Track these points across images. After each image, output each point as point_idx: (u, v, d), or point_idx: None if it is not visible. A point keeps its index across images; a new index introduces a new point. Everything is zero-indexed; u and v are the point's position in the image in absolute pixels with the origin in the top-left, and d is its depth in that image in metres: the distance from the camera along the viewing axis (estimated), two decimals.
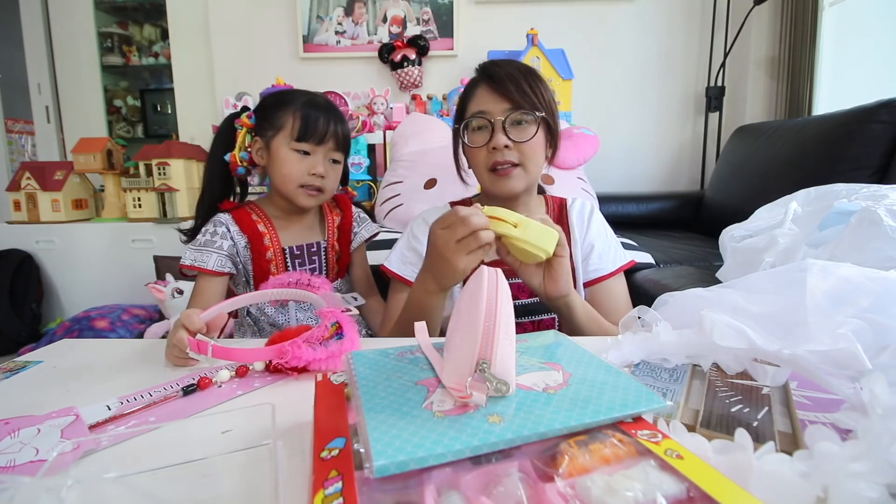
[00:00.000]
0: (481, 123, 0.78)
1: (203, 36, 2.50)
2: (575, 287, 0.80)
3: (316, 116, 0.87)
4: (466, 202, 0.91)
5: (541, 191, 0.95)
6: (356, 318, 0.65)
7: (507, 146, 0.76)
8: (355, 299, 0.96)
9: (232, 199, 0.98)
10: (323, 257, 0.97)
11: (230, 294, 0.94)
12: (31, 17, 2.67)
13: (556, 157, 0.83)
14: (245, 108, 0.94)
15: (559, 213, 0.88)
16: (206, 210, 0.94)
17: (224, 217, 0.90)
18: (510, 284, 0.83)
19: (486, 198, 0.88)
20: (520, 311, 0.85)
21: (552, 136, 0.79)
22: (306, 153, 0.88)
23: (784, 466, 0.29)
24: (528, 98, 0.75)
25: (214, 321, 0.65)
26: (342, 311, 0.61)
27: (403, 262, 0.87)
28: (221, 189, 0.95)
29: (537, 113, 0.75)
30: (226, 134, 0.93)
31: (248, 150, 0.92)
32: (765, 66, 2.32)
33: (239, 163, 0.91)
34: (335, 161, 0.91)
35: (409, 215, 1.77)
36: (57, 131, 2.77)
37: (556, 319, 0.86)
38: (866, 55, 1.93)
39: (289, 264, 0.94)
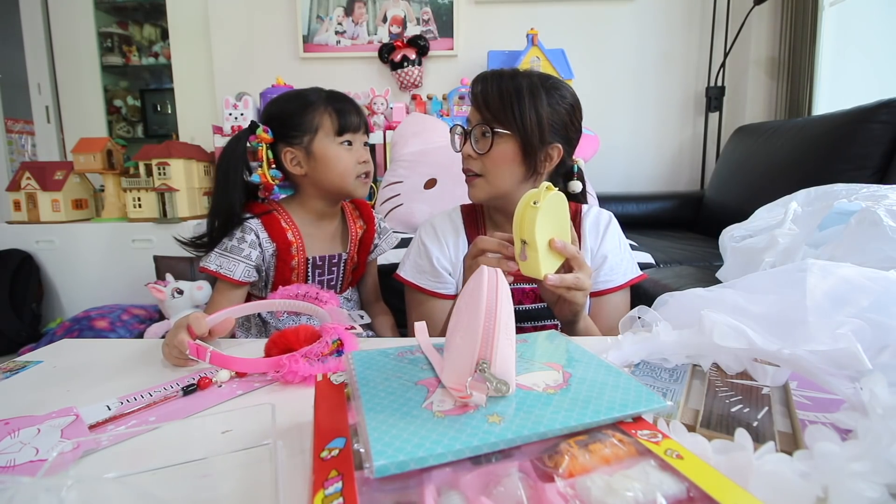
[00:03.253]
0: (460, 131, 0.83)
1: (203, 36, 2.50)
2: None
3: (346, 107, 0.88)
4: (476, 207, 0.92)
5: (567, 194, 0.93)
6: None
7: (470, 155, 0.80)
8: (362, 317, 0.96)
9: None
10: (342, 268, 0.97)
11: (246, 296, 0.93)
12: (31, 17, 2.67)
13: (541, 177, 0.82)
14: (254, 124, 0.89)
15: (572, 219, 0.87)
16: (221, 225, 0.88)
17: (254, 223, 0.87)
18: (515, 290, 0.83)
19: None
20: (522, 316, 0.85)
21: (530, 154, 0.77)
22: (349, 143, 0.88)
23: (784, 466, 0.29)
24: (495, 114, 0.76)
25: (221, 326, 0.65)
26: (346, 329, 0.60)
27: (418, 270, 0.88)
28: (241, 206, 0.90)
29: (498, 129, 0.76)
30: (241, 153, 0.89)
31: (273, 165, 0.90)
32: (765, 66, 2.32)
33: (272, 181, 0.89)
34: (366, 144, 0.92)
35: (410, 215, 1.77)
36: (57, 131, 2.77)
37: (559, 327, 0.86)
38: (866, 55, 1.93)
39: (309, 274, 0.93)
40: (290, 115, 0.88)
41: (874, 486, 0.27)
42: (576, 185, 0.88)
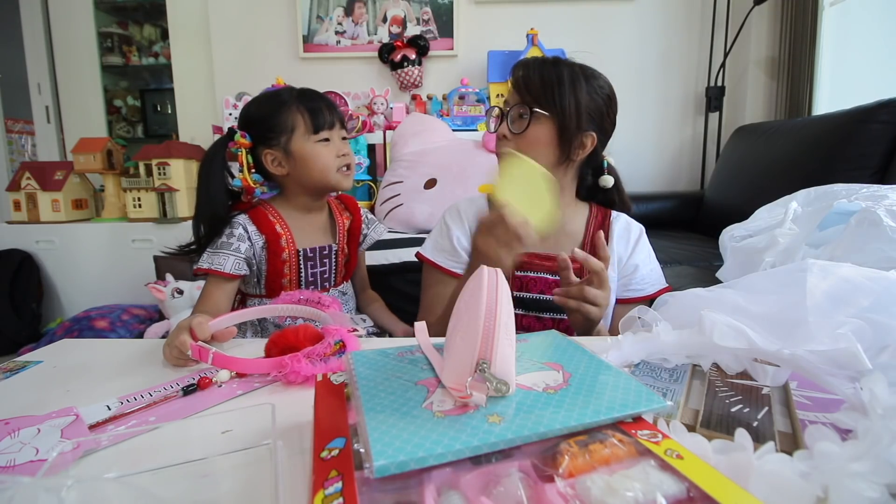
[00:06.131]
0: (498, 112, 0.84)
1: (203, 36, 2.50)
2: None
3: (318, 105, 0.89)
4: None
5: (605, 201, 0.92)
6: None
7: (504, 136, 0.80)
8: (364, 321, 0.96)
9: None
10: (333, 261, 0.98)
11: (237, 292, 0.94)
12: (31, 17, 2.67)
13: (574, 165, 0.83)
14: (231, 130, 0.91)
15: (601, 222, 0.89)
16: (208, 231, 0.90)
17: (241, 218, 0.89)
18: (535, 278, 0.84)
19: None
20: (543, 306, 0.85)
21: (565, 139, 0.79)
22: (326, 140, 0.89)
23: (784, 466, 0.29)
24: (535, 95, 0.78)
25: (223, 333, 0.65)
26: (348, 331, 0.60)
27: (436, 248, 0.90)
28: (225, 211, 0.92)
29: (536, 109, 0.77)
30: (220, 161, 0.91)
31: (254, 169, 0.92)
32: (765, 66, 2.32)
33: (254, 184, 0.91)
34: (344, 138, 0.94)
35: (410, 215, 1.77)
36: (57, 131, 2.76)
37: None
38: (866, 55, 1.93)
39: (301, 266, 0.93)
40: (264, 117, 0.89)
41: (874, 486, 0.27)
42: (607, 180, 0.88)
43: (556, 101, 0.77)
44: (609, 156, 0.90)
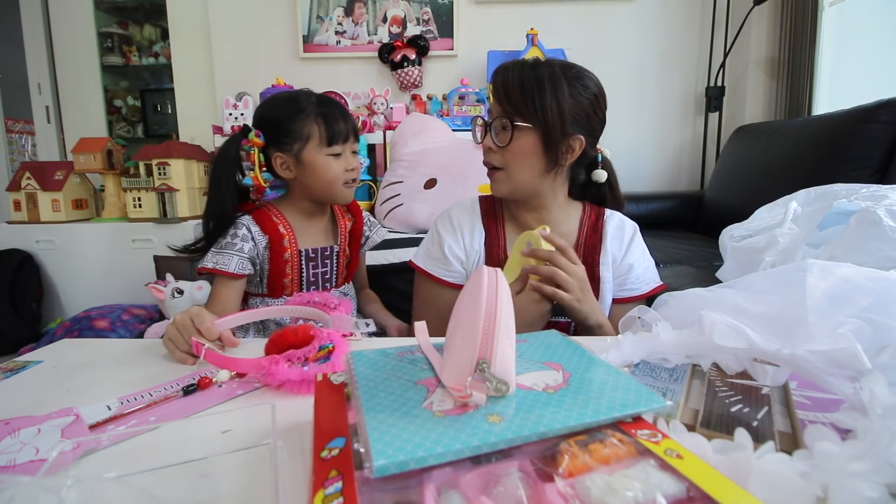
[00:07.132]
0: (481, 122, 0.83)
1: (203, 36, 2.50)
2: (597, 297, 0.81)
3: (335, 117, 0.89)
4: (495, 198, 0.91)
5: (598, 197, 0.92)
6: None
7: (490, 148, 0.80)
8: (367, 325, 0.97)
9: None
10: (335, 262, 0.99)
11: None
12: (31, 17, 2.67)
13: (563, 169, 0.81)
14: (247, 128, 0.91)
15: (595, 222, 0.88)
16: (214, 228, 0.90)
17: (245, 219, 0.90)
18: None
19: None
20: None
21: (551, 147, 0.77)
22: (338, 154, 0.90)
23: (784, 466, 0.29)
24: (515, 107, 0.76)
25: (230, 340, 0.65)
26: (343, 335, 0.59)
27: (429, 257, 0.89)
28: (233, 208, 0.92)
29: (518, 122, 0.76)
30: (233, 157, 0.91)
31: (264, 169, 0.92)
32: (765, 66, 2.32)
33: (264, 183, 0.92)
34: (354, 152, 0.94)
35: (410, 215, 1.77)
36: (57, 131, 2.76)
37: (572, 324, 0.85)
38: (866, 55, 1.93)
39: (303, 267, 0.94)
40: (281, 121, 0.89)
41: (874, 485, 0.27)
42: (600, 175, 0.86)
43: (538, 109, 0.74)
44: (606, 149, 0.87)
